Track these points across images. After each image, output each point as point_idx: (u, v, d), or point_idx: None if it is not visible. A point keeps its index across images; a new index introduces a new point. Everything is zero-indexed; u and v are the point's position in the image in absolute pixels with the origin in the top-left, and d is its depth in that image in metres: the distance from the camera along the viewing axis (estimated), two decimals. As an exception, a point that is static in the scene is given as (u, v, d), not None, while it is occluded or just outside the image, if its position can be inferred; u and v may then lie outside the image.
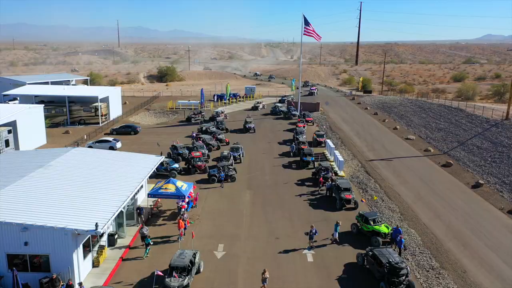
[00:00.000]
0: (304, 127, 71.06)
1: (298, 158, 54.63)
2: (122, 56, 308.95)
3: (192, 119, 79.77)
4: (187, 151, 54.79)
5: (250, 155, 57.28)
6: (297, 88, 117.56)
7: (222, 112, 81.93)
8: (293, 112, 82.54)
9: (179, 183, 37.66)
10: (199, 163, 49.72)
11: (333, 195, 41.80)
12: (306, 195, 42.99)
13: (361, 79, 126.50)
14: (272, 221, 36.71)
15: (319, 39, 78.81)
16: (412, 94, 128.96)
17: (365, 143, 63.82)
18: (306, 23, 76.74)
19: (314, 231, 32.58)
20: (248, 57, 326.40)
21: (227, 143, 62.97)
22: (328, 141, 58.72)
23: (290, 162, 54.40)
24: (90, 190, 31.10)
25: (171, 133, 71.05)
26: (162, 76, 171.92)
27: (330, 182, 43.09)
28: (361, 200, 40.71)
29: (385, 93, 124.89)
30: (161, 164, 48.28)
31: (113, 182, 33.55)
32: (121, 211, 31.59)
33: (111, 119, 78.91)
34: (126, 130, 69.52)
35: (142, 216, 35.20)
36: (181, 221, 33.51)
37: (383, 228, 33.06)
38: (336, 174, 48.27)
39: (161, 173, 47.84)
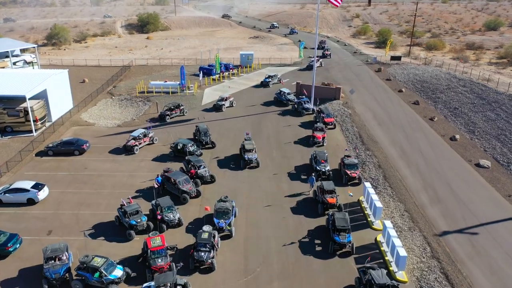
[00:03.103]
0: (324, 138, 49.75)
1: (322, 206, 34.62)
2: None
3: (167, 117, 57.98)
4: (144, 220, 33.88)
5: (247, 212, 36.63)
6: (307, 51, 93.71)
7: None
8: (306, 106, 59.57)
9: None
10: (160, 263, 28.90)
11: None
12: None
13: (389, 42, 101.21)
14: None
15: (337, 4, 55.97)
16: (443, 53, 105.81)
17: (419, 177, 42.19)
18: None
19: None
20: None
21: (212, 180, 41.68)
22: (367, 186, 37.39)
23: (311, 231, 33.95)
24: None
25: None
26: (143, 26, 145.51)
27: None
28: None
29: (413, 51, 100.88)
30: (93, 270, 27.89)
31: None
32: None
33: (53, 120, 56.78)
34: (68, 148, 47.72)
35: None
36: None
37: None
38: (396, 286, 27.82)
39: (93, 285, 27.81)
